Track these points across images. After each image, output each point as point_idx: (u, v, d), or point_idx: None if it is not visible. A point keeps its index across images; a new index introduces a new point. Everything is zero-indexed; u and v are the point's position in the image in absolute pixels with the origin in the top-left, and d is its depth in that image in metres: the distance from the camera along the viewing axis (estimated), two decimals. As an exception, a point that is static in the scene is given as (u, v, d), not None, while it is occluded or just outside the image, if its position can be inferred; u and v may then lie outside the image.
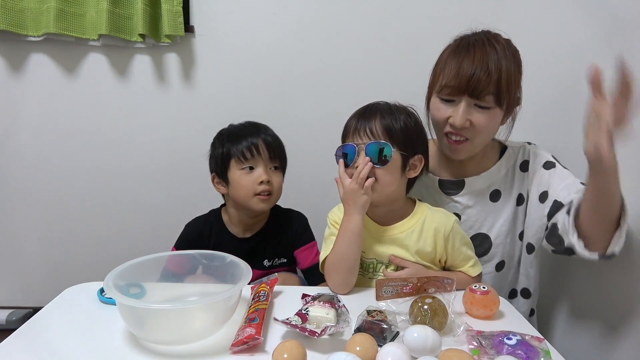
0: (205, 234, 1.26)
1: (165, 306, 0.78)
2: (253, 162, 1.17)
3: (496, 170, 1.14)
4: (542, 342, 0.77)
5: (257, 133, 1.20)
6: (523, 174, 1.14)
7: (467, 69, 0.97)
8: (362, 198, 0.96)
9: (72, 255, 1.86)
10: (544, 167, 1.10)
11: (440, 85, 1.02)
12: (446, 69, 1.01)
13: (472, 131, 1.02)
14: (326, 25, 1.72)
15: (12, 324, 1.79)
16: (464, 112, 1.00)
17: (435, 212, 1.05)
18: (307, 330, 0.74)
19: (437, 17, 1.69)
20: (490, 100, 0.98)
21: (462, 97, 1.00)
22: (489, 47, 0.98)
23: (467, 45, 1.01)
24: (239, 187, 1.18)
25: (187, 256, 0.96)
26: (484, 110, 1.00)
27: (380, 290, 0.90)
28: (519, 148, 1.16)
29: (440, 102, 1.04)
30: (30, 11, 1.60)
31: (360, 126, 0.99)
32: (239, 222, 1.26)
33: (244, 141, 1.17)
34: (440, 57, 1.07)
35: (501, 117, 1.04)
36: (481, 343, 0.76)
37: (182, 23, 1.63)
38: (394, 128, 0.97)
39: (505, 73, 0.97)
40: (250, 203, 1.18)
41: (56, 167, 1.78)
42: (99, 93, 1.73)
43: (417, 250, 1.02)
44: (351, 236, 0.97)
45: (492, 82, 0.96)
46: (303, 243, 1.29)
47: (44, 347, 0.76)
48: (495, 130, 1.07)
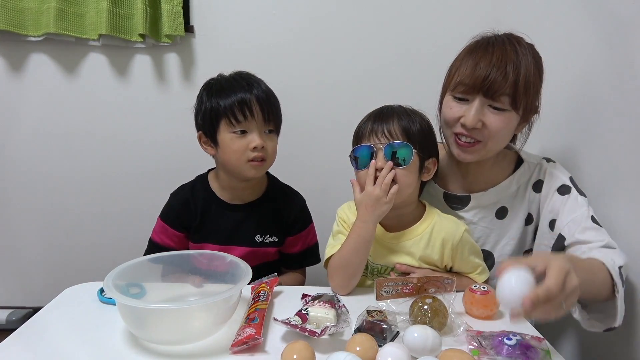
0: (191, 202, 1.17)
1: (164, 306, 0.78)
2: (245, 125, 1.06)
3: (506, 186, 1.08)
4: (542, 342, 0.77)
5: (250, 88, 1.07)
6: (535, 195, 1.07)
7: (483, 68, 0.92)
8: (384, 207, 0.93)
9: (72, 255, 1.86)
10: (558, 191, 1.02)
11: (454, 82, 0.97)
12: (462, 67, 0.96)
13: (485, 133, 0.96)
14: (326, 25, 1.72)
15: (12, 324, 1.79)
16: (477, 112, 0.94)
17: (445, 219, 1.02)
18: (307, 330, 0.74)
19: (439, 19, 1.69)
20: (505, 101, 0.93)
21: (476, 96, 0.94)
22: (510, 48, 0.93)
23: (486, 45, 0.96)
24: (230, 152, 1.07)
25: (187, 256, 0.96)
26: (499, 112, 0.94)
27: (380, 290, 0.90)
28: (535, 165, 1.08)
29: (453, 101, 0.99)
30: (30, 11, 1.60)
31: (377, 128, 0.96)
32: (230, 187, 1.17)
33: (235, 97, 1.05)
34: (457, 56, 1.02)
35: (517, 122, 0.98)
36: (481, 343, 0.76)
37: (182, 23, 1.63)
38: (412, 129, 0.95)
39: (524, 75, 0.91)
40: (241, 169, 1.08)
41: (56, 166, 1.78)
42: (99, 93, 1.73)
43: (423, 256, 1.00)
44: (361, 243, 0.95)
45: (509, 82, 0.91)
46: (297, 231, 1.23)
47: (44, 347, 0.76)
48: (509, 135, 1.01)
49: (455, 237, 0.99)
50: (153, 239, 1.20)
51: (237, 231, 1.17)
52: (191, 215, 1.17)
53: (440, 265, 1.02)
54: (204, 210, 1.17)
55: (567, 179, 1.04)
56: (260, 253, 1.19)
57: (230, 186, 1.17)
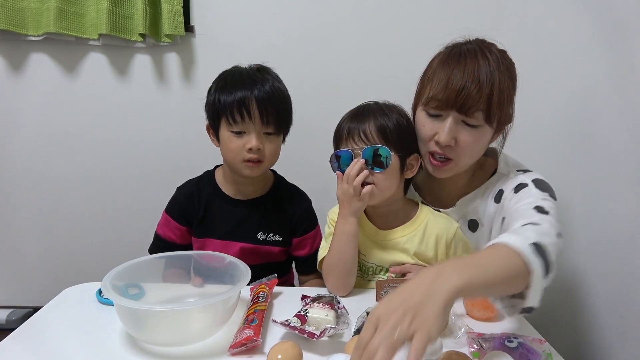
0: (195, 195, 1.17)
1: (162, 307, 0.78)
2: (243, 127, 1.05)
3: (469, 199, 1.03)
4: (544, 344, 0.76)
5: (252, 87, 1.05)
6: (497, 206, 0.99)
7: (456, 82, 0.88)
8: (357, 204, 0.95)
9: (72, 255, 1.86)
10: (514, 190, 0.95)
11: (427, 97, 0.93)
12: (434, 80, 0.92)
13: (457, 151, 0.93)
14: (326, 25, 1.71)
15: (12, 324, 1.78)
16: (450, 130, 0.90)
17: (438, 217, 1.03)
18: (306, 332, 0.74)
19: (438, 18, 1.69)
20: (479, 117, 0.89)
21: (449, 112, 0.90)
22: (482, 59, 0.89)
23: (458, 55, 0.91)
24: (227, 150, 1.09)
25: (186, 257, 0.96)
26: (472, 128, 0.91)
27: (380, 291, 0.89)
28: (504, 176, 1.01)
29: (426, 117, 0.95)
30: (30, 10, 1.60)
31: (353, 130, 0.96)
32: (233, 181, 1.17)
33: (235, 96, 1.04)
34: (429, 66, 0.98)
35: (490, 135, 0.95)
36: (482, 346, 0.76)
37: (182, 23, 1.63)
38: (388, 129, 0.94)
39: (498, 88, 0.88)
40: (237, 167, 1.09)
41: (56, 166, 1.78)
42: (99, 93, 1.73)
43: (417, 252, 1.00)
44: (346, 238, 0.96)
45: (482, 97, 0.87)
46: (303, 232, 1.22)
47: (43, 346, 0.76)
48: (482, 150, 0.98)
49: (449, 232, 1.00)
50: (157, 232, 1.21)
51: (240, 227, 1.17)
52: (194, 208, 1.17)
53: (435, 263, 1.01)
54: (208, 204, 1.17)
55: (529, 180, 0.95)
56: (263, 251, 1.19)
57: (233, 180, 1.18)
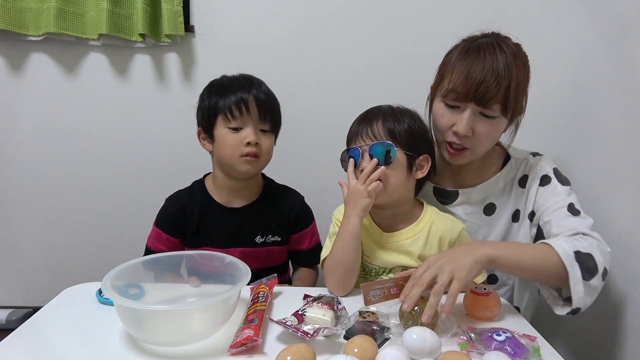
0: (188, 207, 1.17)
1: (162, 307, 0.77)
2: (241, 122, 1.08)
3: (494, 182, 1.10)
4: (535, 340, 0.77)
5: (249, 88, 1.09)
6: (522, 190, 1.09)
7: (476, 75, 0.92)
8: (364, 201, 0.95)
9: (72, 255, 1.86)
10: (540, 183, 1.05)
11: (446, 89, 0.97)
12: (454, 73, 0.96)
13: (473, 140, 0.98)
14: (326, 25, 1.71)
15: (12, 324, 1.78)
16: (468, 121, 0.95)
17: (442, 218, 1.03)
18: (300, 330, 0.74)
19: (439, 18, 1.69)
20: (496, 109, 0.94)
21: (468, 104, 0.95)
22: (499, 52, 0.93)
23: (476, 49, 0.95)
24: (224, 146, 1.09)
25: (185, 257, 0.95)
26: (489, 119, 0.96)
27: (367, 295, 0.86)
28: (522, 160, 1.10)
29: (444, 108, 1.00)
30: (30, 11, 1.60)
31: (362, 129, 0.98)
32: (226, 187, 1.17)
33: (233, 96, 1.08)
34: (446, 58, 1.02)
35: (505, 125, 1.01)
36: (470, 337, 0.76)
37: (182, 23, 1.63)
38: (397, 129, 0.96)
39: (515, 81, 0.92)
40: (234, 163, 1.10)
41: (56, 166, 1.78)
42: (99, 93, 1.73)
43: (422, 255, 1.00)
44: (349, 239, 0.96)
45: (501, 89, 0.92)
46: (301, 227, 1.24)
47: (43, 346, 0.76)
48: (496, 139, 1.04)
49: (453, 233, 1.00)
50: (147, 245, 1.21)
51: (236, 234, 1.17)
52: (188, 221, 1.17)
53: None
54: (201, 215, 1.17)
55: (550, 170, 1.06)
56: (263, 254, 1.19)
57: (226, 186, 1.17)
